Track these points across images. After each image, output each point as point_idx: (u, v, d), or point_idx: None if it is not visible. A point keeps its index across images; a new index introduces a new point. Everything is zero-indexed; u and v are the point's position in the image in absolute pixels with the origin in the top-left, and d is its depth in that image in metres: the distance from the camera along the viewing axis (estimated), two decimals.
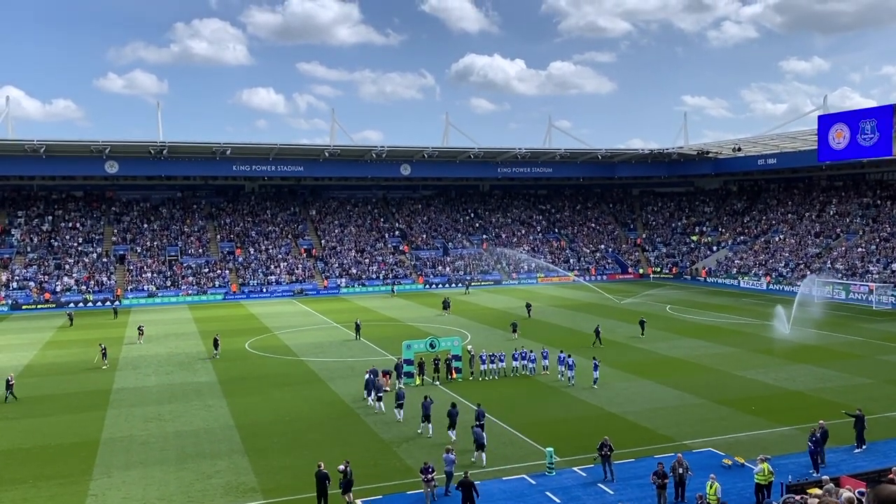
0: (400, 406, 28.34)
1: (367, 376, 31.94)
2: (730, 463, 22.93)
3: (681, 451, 22.60)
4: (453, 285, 78.68)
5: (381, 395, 30.60)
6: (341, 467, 20.63)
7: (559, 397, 31.99)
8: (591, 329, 50.14)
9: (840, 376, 35.20)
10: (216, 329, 51.88)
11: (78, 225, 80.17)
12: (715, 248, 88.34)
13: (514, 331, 48.59)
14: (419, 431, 26.69)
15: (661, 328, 49.49)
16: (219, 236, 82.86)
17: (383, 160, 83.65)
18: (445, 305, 59.42)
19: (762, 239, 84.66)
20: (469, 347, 38.87)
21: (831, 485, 16.43)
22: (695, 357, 40.32)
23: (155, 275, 74.46)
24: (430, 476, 20.38)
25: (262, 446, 25.72)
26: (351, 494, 20.26)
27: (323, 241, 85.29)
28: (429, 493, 20.35)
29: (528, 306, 55.43)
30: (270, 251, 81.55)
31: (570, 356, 35.35)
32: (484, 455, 23.68)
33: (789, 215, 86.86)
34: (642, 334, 46.97)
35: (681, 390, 32.69)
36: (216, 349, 42.53)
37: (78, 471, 23.52)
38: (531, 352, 36.96)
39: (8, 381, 33.50)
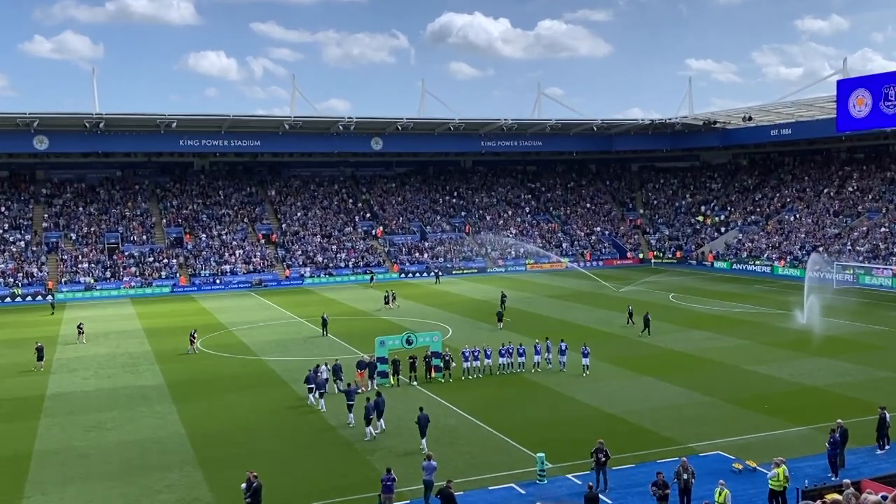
0: (350, 408, 28.63)
1: (308, 372, 32.33)
2: (741, 467, 23.20)
3: (686, 455, 22.85)
4: (429, 274, 78.87)
5: (322, 391, 31.13)
6: (244, 486, 20.43)
7: (551, 397, 32.21)
8: (586, 320, 50.44)
9: (861, 370, 35.71)
10: (166, 325, 51.50)
11: (3, 209, 79.01)
12: (723, 229, 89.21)
13: (500, 320, 48.89)
14: (366, 438, 26.87)
15: (664, 319, 49.91)
16: (165, 221, 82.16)
17: (351, 133, 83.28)
18: (387, 299, 58.77)
19: (775, 218, 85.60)
20: (446, 350, 38.87)
21: (852, 489, 16.70)
22: (701, 351, 40.71)
23: (92, 265, 73.71)
24: (389, 484, 20.47)
25: (218, 457, 25.64)
26: None
27: (284, 226, 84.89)
28: None
29: (503, 298, 55.55)
30: (224, 237, 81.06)
31: (562, 340, 37.19)
32: (382, 422, 26.56)
33: (805, 192, 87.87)
34: (630, 322, 47.85)
35: (686, 388, 33.01)
36: (192, 345, 43.37)
37: (8, 489, 23.28)
38: (521, 346, 37.15)
39: None
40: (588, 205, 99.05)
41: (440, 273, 78.14)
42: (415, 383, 34.61)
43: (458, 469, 23.70)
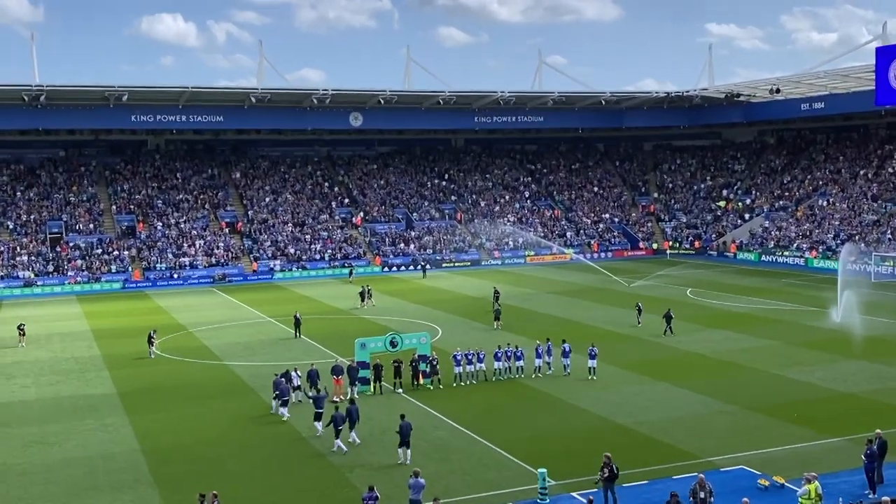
0: (318, 417, 28.66)
1: (275, 377, 32.48)
2: (767, 484, 23.32)
3: (704, 471, 22.92)
4: (416, 268, 78.92)
5: (286, 399, 31.29)
6: None
7: (553, 406, 32.33)
8: (593, 319, 50.62)
9: None
10: (116, 326, 51.32)
11: None
12: (747, 215, 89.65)
13: (497, 318, 49.05)
14: (333, 449, 27.17)
15: (681, 317, 50.06)
16: (114, 207, 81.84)
17: (327, 107, 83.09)
18: (363, 295, 58.89)
19: (806, 204, 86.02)
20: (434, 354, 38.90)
21: None
22: (722, 353, 40.90)
23: (33, 258, 73.37)
24: None
25: (176, 475, 25.59)
26: None
27: (251, 213, 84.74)
28: None
29: (496, 294, 55.65)
30: (182, 226, 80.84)
31: (564, 341, 37.32)
32: (355, 434, 27.12)
33: (840, 174, 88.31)
34: (639, 322, 48.19)
35: (705, 394, 33.19)
36: (151, 347, 43.31)
37: None
38: (519, 349, 37.24)
39: None
40: (595, 189, 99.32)
41: (428, 266, 78.25)
42: (400, 391, 34.63)
43: (450, 487, 23.76)
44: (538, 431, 29.06)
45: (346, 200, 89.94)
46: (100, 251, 75.75)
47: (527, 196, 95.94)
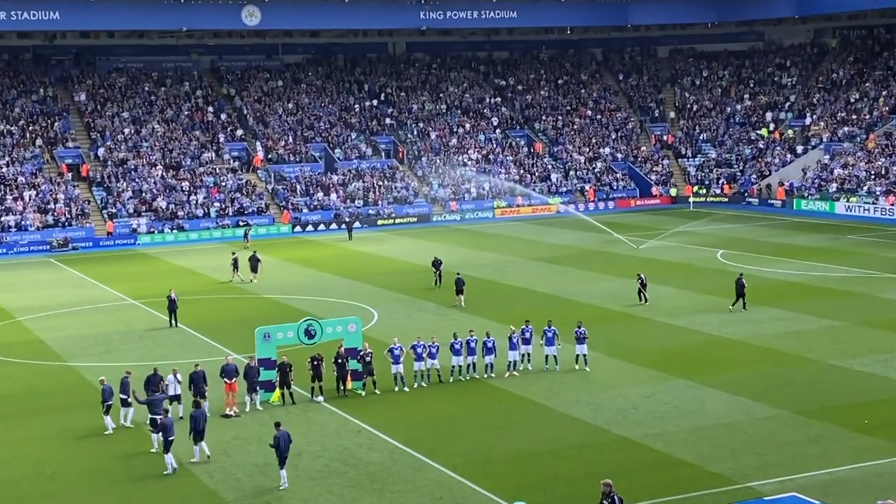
0: (167, 443, 28.43)
1: (124, 376, 32.42)
2: None
3: (743, 501, 23.19)
4: (340, 227, 78.45)
5: (108, 405, 31.52)
6: None
7: (533, 414, 32.42)
8: (589, 295, 50.96)
9: None
10: None
11: None
12: (800, 149, 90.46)
13: (460, 292, 49.12)
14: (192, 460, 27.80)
15: (706, 289, 50.41)
16: None
17: None
18: (254, 265, 58.26)
19: (880, 130, 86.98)
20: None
21: None
22: (764, 338, 41.25)
23: None
24: None
25: None
26: None
27: (102, 151, 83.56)
28: None
29: (437, 264, 55.61)
30: (3, 170, 79.64)
31: (549, 324, 37.59)
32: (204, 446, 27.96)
33: None
34: (644, 300, 48.23)
35: (741, 395, 33.43)
36: None
37: None
38: (488, 338, 37.16)
39: None
40: (590, 113, 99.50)
41: (357, 225, 78.02)
42: (319, 399, 34.50)
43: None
44: (513, 451, 29.06)
45: (240, 132, 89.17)
46: None
47: (495, 124, 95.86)
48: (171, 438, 27.92)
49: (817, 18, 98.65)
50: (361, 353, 35.58)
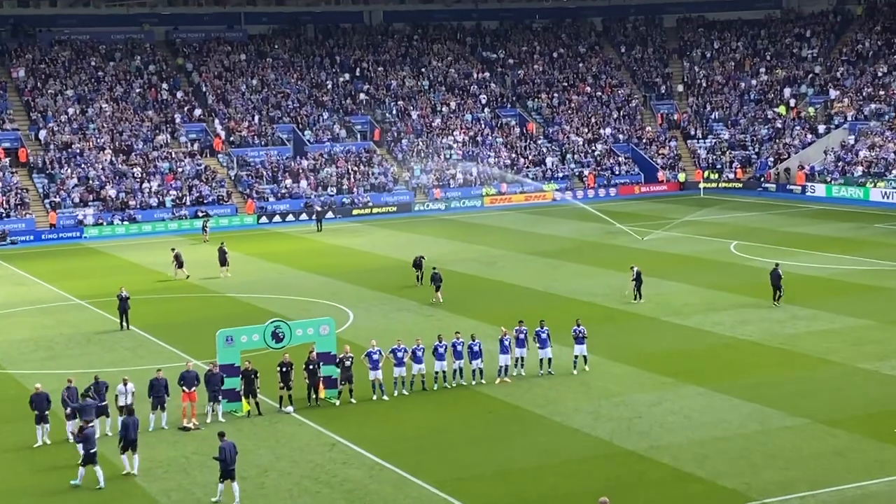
0: (89, 455, 28.52)
1: (64, 393, 32.40)
2: None
3: None
4: (310, 218, 78.86)
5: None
6: None
7: (528, 425, 32.72)
8: (588, 292, 51.49)
9: None
10: None
11: None
12: (822, 128, 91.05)
13: (438, 288, 49.78)
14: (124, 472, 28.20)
15: (718, 285, 50.98)
16: None
17: None
18: (223, 259, 59.27)
19: None
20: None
21: None
22: (784, 339, 41.71)
23: None
24: None
25: None
26: None
27: (44, 133, 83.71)
28: None
29: (418, 265, 56.01)
30: None
31: (542, 324, 37.82)
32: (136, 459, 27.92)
33: None
34: (636, 297, 48.87)
35: (759, 403, 33.85)
36: None
37: None
38: (475, 340, 37.49)
39: None
40: (589, 90, 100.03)
41: (325, 214, 78.60)
42: (289, 409, 34.79)
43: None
44: (505, 466, 29.30)
45: (199, 112, 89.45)
46: None
47: (484, 102, 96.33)
48: (92, 451, 27.91)
49: None
50: (341, 357, 35.70)
